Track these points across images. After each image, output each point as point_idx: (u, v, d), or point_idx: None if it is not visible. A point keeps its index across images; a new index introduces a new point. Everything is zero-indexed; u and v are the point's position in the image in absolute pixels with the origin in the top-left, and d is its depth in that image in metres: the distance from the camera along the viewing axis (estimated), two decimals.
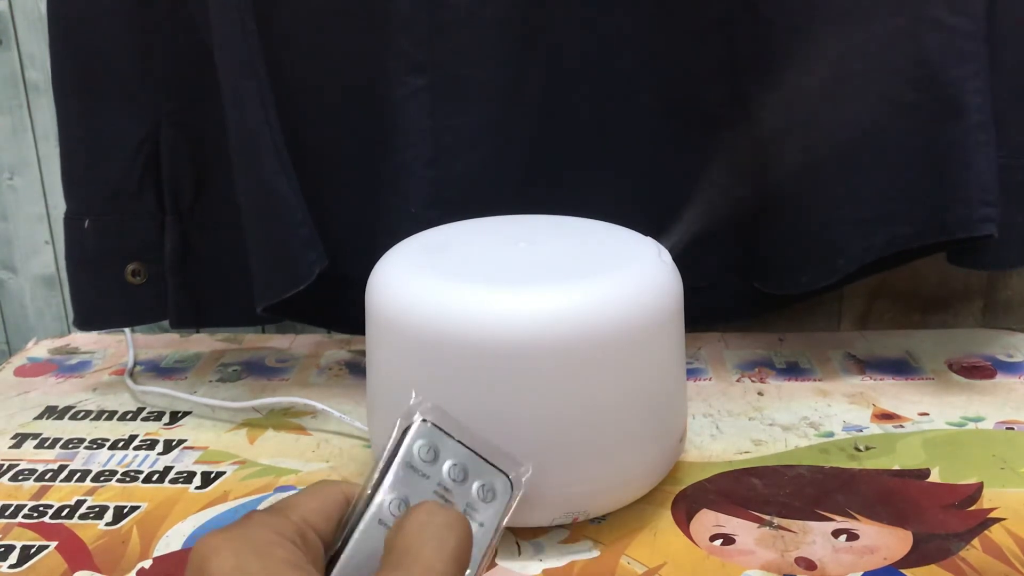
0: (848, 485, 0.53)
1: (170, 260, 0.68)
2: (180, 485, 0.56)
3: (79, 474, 0.57)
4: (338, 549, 0.32)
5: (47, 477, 0.57)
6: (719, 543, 0.48)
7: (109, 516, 0.52)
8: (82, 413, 0.65)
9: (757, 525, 0.50)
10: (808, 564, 0.46)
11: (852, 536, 0.48)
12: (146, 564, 0.48)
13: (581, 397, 0.45)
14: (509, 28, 0.64)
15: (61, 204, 0.67)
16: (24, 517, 0.53)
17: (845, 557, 0.47)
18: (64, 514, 0.53)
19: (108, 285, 0.68)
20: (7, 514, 0.53)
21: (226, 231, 0.67)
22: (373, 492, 0.32)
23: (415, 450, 0.34)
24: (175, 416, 0.65)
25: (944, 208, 0.61)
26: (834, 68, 0.59)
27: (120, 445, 0.61)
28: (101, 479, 0.56)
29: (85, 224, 0.67)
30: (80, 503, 0.54)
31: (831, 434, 0.59)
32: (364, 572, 0.31)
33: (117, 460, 0.59)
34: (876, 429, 0.60)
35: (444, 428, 0.35)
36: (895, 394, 0.64)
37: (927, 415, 0.61)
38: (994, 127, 0.60)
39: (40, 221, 0.86)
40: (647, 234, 0.54)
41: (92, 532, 0.51)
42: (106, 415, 0.65)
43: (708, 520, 0.50)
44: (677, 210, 0.61)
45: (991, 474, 0.54)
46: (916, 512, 0.50)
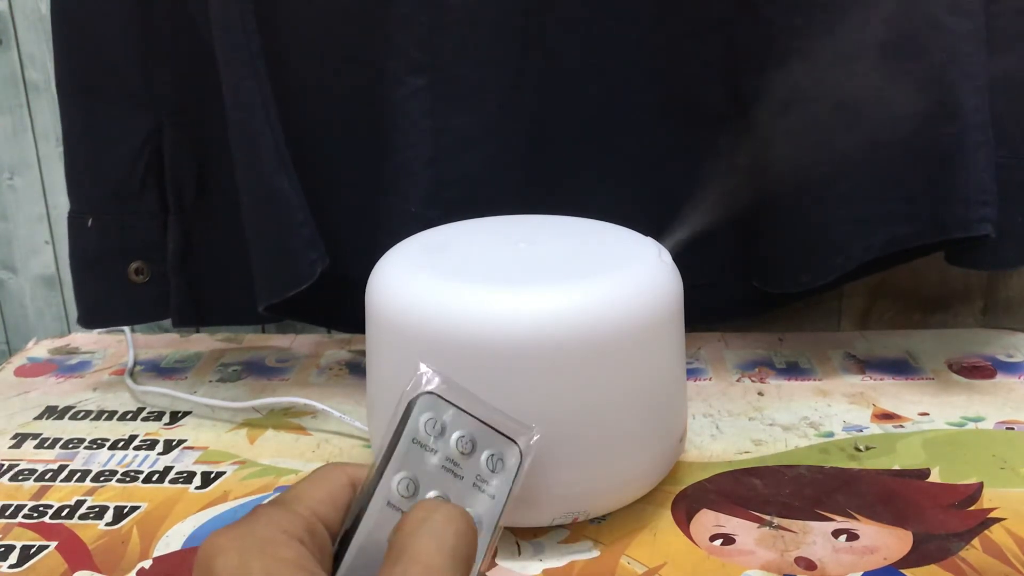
0: (848, 485, 0.53)
1: (172, 259, 0.69)
2: (180, 485, 0.56)
3: (79, 474, 0.57)
4: (347, 531, 0.31)
5: (47, 477, 0.57)
6: (719, 543, 0.48)
7: (109, 516, 0.53)
8: (82, 413, 0.65)
9: (757, 525, 0.50)
10: (808, 564, 0.46)
11: (852, 536, 0.49)
12: (146, 564, 0.48)
13: (581, 397, 0.45)
14: (509, 28, 0.64)
15: (61, 204, 0.67)
16: (24, 517, 0.53)
17: (845, 557, 0.47)
18: (64, 514, 0.53)
19: (111, 284, 0.68)
20: (7, 514, 0.53)
21: (228, 230, 0.67)
22: (380, 472, 0.32)
23: (421, 424, 0.33)
24: (175, 416, 0.65)
25: (942, 208, 0.61)
26: (833, 68, 0.59)
27: (120, 445, 0.61)
28: (101, 479, 0.56)
29: (88, 223, 0.67)
30: (80, 503, 0.54)
31: (831, 434, 0.59)
32: (376, 558, 0.30)
33: (117, 460, 0.59)
34: (876, 429, 0.60)
35: (450, 399, 0.34)
36: (895, 394, 0.65)
37: (927, 415, 0.61)
38: (992, 127, 0.60)
39: (40, 221, 0.86)
40: (647, 234, 0.54)
41: (92, 532, 0.51)
42: (106, 415, 0.65)
43: (708, 520, 0.50)
44: (677, 210, 0.61)
45: (991, 474, 0.54)
46: (916, 512, 0.50)
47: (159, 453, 0.60)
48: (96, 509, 0.53)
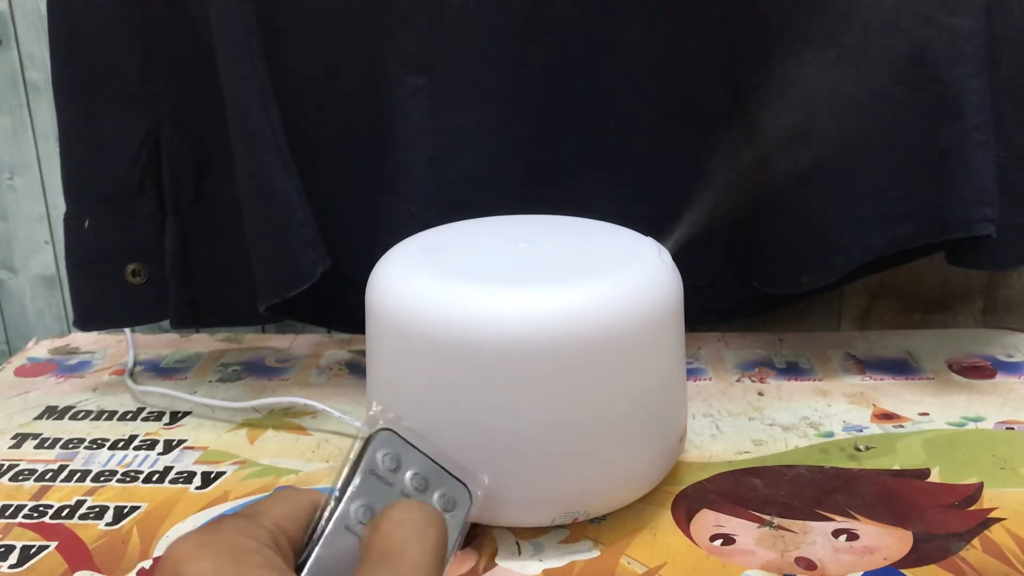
0: (848, 485, 0.53)
1: (170, 260, 0.68)
2: (180, 485, 0.56)
3: (79, 474, 0.57)
4: (305, 556, 0.32)
5: (47, 477, 0.57)
6: (719, 543, 0.48)
7: (109, 516, 0.53)
8: (82, 413, 0.65)
9: (757, 525, 0.50)
10: (808, 564, 0.46)
11: (852, 536, 0.49)
12: (146, 564, 0.48)
13: (581, 397, 0.45)
14: (509, 28, 0.64)
15: (61, 204, 0.67)
16: (24, 517, 0.53)
17: (845, 557, 0.47)
18: (64, 514, 0.53)
19: (108, 285, 0.68)
20: (7, 514, 0.53)
21: (226, 231, 0.67)
22: (339, 499, 0.33)
23: (378, 459, 0.34)
24: (175, 416, 0.65)
25: (943, 208, 0.61)
26: (833, 68, 0.59)
27: (120, 445, 0.61)
28: (101, 479, 0.56)
29: (85, 224, 0.67)
30: (80, 503, 0.54)
31: (831, 434, 0.59)
32: (334, 573, 0.31)
33: (117, 460, 0.59)
34: (876, 429, 0.60)
35: (406, 438, 0.35)
36: (895, 394, 0.65)
37: (927, 415, 0.61)
38: (992, 127, 0.60)
39: (40, 221, 0.86)
40: (647, 234, 0.54)
41: (92, 532, 0.51)
42: (106, 415, 0.65)
43: (708, 520, 0.50)
44: (677, 210, 0.61)
45: (991, 474, 0.54)
46: (916, 512, 0.50)
47: (159, 453, 0.59)
48: (96, 509, 0.53)
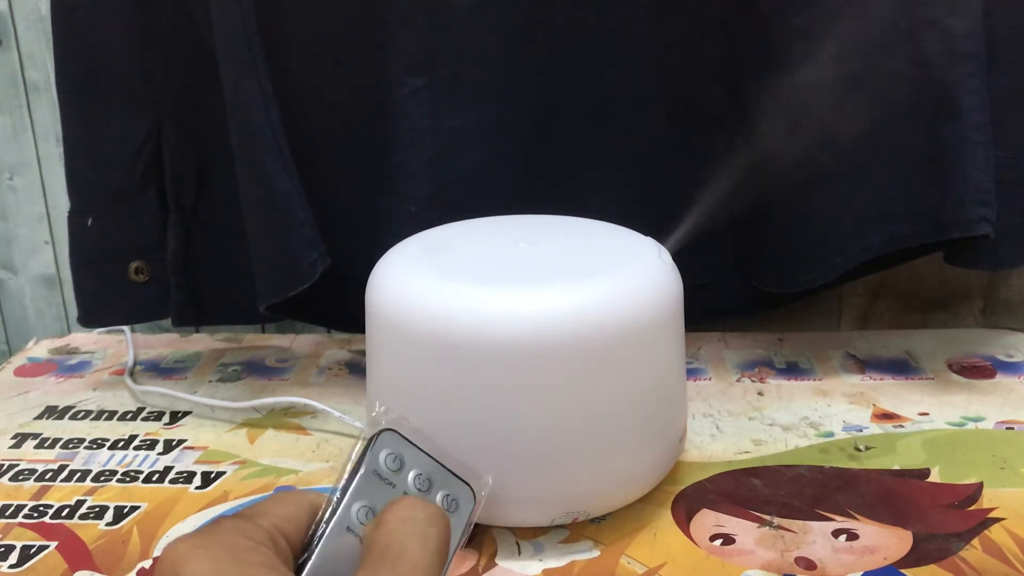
0: (848, 485, 0.53)
1: (172, 259, 0.69)
2: (180, 485, 0.56)
3: (79, 474, 0.57)
4: (306, 557, 0.32)
5: (47, 477, 0.57)
6: (719, 543, 0.48)
7: (109, 516, 0.53)
8: (82, 413, 0.65)
9: (757, 525, 0.50)
10: (808, 564, 0.46)
11: (852, 536, 0.49)
12: (146, 564, 0.48)
13: (581, 397, 0.45)
14: (509, 28, 0.64)
15: (61, 204, 0.67)
16: (24, 517, 0.53)
17: (845, 557, 0.47)
18: (64, 514, 0.53)
19: (111, 283, 0.69)
20: (7, 514, 0.53)
21: (228, 230, 0.67)
22: (340, 499, 0.33)
23: (381, 459, 0.34)
24: (175, 416, 0.65)
25: (941, 208, 0.61)
26: (832, 68, 0.59)
27: (120, 445, 0.61)
28: (101, 479, 0.56)
29: (88, 223, 0.67)
30: (80, 503, 0.54)
31: (831, 434, 0.59)
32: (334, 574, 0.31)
33: (117, 460, 0.59)
34: (876, 429, 0.60)
35: (409, 438, 0.35)
36: (895, 394, 0.65)
37: (927, 415, 0.61)
38: (991, 127, 0.60)
39: (40, 221, 0.86)
40: (647, 234, 0.54)
41: (92, 532, 0.51)
42: (106, 415, 0.65)
43: (708, 520, 0.50)
44: (677, 210, 0.61)
45: (991, 474, 0.54)
46: (916, 512, 0.50)
47: (159, 453, 0.59)
48: (96, 509, 0.53)
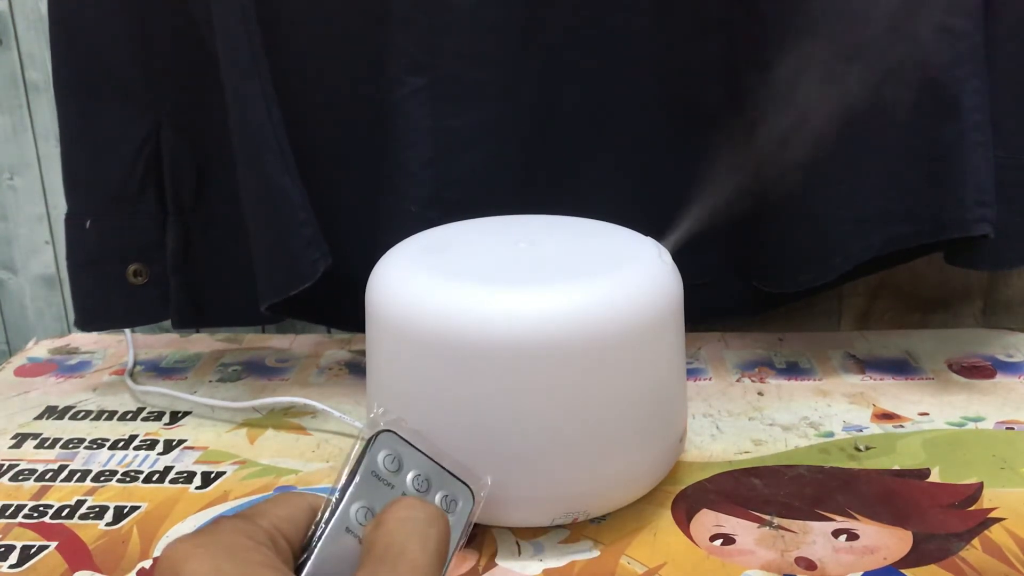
0: (848, 485, 0.53)
1: (171, 260, 0.69)
2: (180, 485, 0.56)
3: (79, 474, 0.57)
4: (305, 558, 0.32)
5: (47, 477, 0.57)
6: (719, 543, 0.48)
7: (109, 516, 0.53)
8: (82, 413, 0.65)
9: (757, 525, 0.50)
10: (808, 564, 0.46)
11: (852, 536, 0.49)
12: (146, 564, 0.48)
13: (581, 397, 0.45)
14: (509, 28, 0.64)
15: (61, 204, 0.67)
16: (24, 517, 0.53)
17: (845, 557, 0.47)
18: (64, 514, 0.53)
19: (110, 285, 0.68)
20: (7, 514, 0.53)
21: (227, 231, 0.67)
22: (339, 500, 0.33)
23: (379, 460, 0.34)
24: (175, 416, 0.65)
25: (941, 208, 0.61)
26: (832, 68, 0.59)
27: (120, 445, 0.61)
28: (101, 479, 0.56)
29: (86, 225, 0.67)
30: (80, 503, 0.54)
31: (831, 434, 0.59)
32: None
33: (117, 460, 0.59)
34: (876, 429, 0.60)
35: (408, 439, 0.35)
36: (895, 394, 0.65)
37: (927, 415, 0.61)
38: (991, 127, 0.60)
39: (40, 221, 0.87)
40: (647, 234, 0.54)
41: (92, 532, 0.51)
42: (106, 415, 0.65)
43: (708, 520, 0.50)
44: (677, 210, 0.61)
45: (991, 474, 0.54)
46: (916, 512, 0.50)
47: (159, 453, 0.60)
48: (96, 509, 0.53)
